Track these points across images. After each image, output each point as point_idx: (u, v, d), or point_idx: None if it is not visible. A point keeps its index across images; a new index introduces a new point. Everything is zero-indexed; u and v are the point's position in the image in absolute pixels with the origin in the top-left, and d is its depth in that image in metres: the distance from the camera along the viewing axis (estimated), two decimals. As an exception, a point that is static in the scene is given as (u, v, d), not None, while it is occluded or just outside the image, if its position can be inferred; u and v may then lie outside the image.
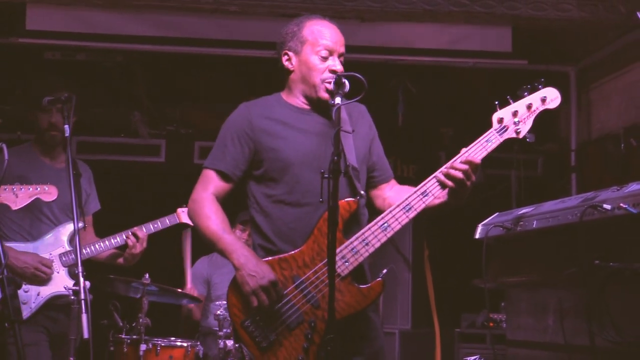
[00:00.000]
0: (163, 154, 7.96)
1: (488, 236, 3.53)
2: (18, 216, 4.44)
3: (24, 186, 3.97)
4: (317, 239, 3.21)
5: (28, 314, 4.36)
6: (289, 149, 3.30)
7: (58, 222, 4.54)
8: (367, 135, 3.48)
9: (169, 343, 5.40)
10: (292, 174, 3.29)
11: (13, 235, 4.48)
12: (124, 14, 6.39)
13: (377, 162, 3.51)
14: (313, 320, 3.18)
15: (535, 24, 6.48)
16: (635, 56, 6.59)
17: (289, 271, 3.22)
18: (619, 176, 6.34)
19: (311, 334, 3.18)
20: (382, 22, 6.34)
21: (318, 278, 3.19)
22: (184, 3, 6.20)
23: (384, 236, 3.18)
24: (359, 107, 3.51)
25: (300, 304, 3.20)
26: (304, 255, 3.22)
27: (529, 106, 3.26)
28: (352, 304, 3.18)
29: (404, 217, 3.18)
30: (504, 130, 3.23)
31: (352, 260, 3.18)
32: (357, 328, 3.25)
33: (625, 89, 6.78)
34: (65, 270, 4.46)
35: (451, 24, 6.57)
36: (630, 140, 6.46)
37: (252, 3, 6.19)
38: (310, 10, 6.24)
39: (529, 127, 3.24)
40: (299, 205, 3.29)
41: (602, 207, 2.89)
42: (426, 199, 3.18)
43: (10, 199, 3.89)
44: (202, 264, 6.52)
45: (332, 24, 3.45)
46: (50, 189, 4.03)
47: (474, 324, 6.45)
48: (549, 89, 3.30)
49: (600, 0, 6.28)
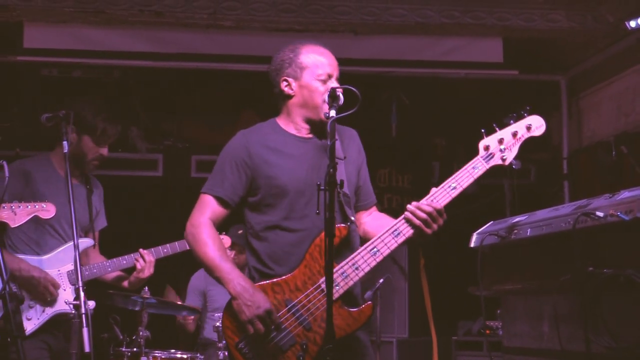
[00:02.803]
0: (160, 168, 7.96)
1: (483, 245, 3.54)
2: (27, 229, 4.42)
3: (22, 204, 3.97)
4: (308, 264, 3.25)
5: (32, 330, 4.33)
6: (284, 176, 3.34)
7: (67, 236, 4.51)
8: (356, 160, 3.51)
9: (169, 355, 5.39)
10: (287, 201, 3.33)
11: (22, 247, 4.46)
12: (119, 31, 6.40)
13: (362, 187, 3.54)
14: (305, 343, 3.21)
15: (525, 35, 6.51)
16: (624, 65, 6.61)
17: (282, 295, 3.26)
18: (610, 183, 6.35)
19: (303, 355, 3.21)
20: (375, 35, 6.36)
21: (310, 301, 3.23)
22: (179, 19, 6.21)
23: (374, 261, 3.21)
24: (349, 132, 3.55)
25: (293, 326, 3.24)
26: (296, 279, 3.26)
27: (514, 134, 3.29)
28: (342, 327, 3.20)
29: (393, 242, 3.23)
30: (490, 157, 3.27)
31: (342, 284, 3.21)
32: (347, 348, 3.25)
33: (615, 97, 6.80)
34: (72, 288, 4.43)
35: (443, 35, 6.59)
36: (621, 148, 6.48)
37: (246, 18, 6.21)
38: (304, 25, 6.29)
39: (514, 154, 3.28)
40: (294, 231, 3.33)
41: (594, 215, 2.89)
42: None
43: (9, 217, 3.90)
44: (198, 277, 6.52)
45: (325, 48, 3.50)
46: (48, 207, 4.03)
47: (471, 331, 6.46)
48: (534, 117, 3.33)
49: (588, 11, 6.31)
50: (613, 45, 6.58)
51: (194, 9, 6.13)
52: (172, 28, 6.39)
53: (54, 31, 6.34)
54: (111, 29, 6.38)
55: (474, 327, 6.44)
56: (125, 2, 6.06)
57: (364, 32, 6.32)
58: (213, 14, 6.17)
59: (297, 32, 6.37)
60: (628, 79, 6.63)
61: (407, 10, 6.23)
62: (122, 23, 6.28)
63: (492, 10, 6.30)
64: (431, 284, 6.68)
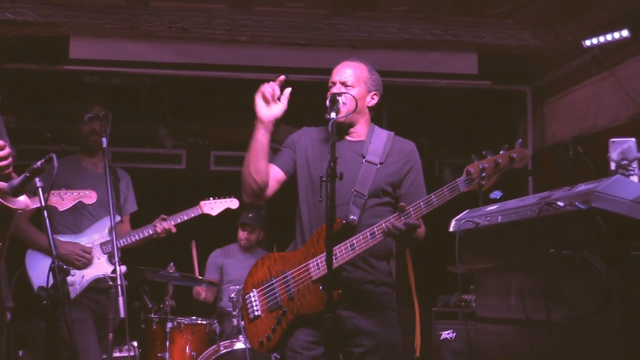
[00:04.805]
0: (184, 162, 7.97)
1: (460, 229, 3.53)
2: (64, 213, 4.46)
3: (69, 191, 4.02)
4: (308, 247, 3.25)
5: (74, 295, 4.38)
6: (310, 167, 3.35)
7: (99, 216, 4.55)
8: (399, 170, 3.33)
9: (190, 321, 5.42)
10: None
11: (62, 229, 4.51)
12: (151, 44, 6.39)
13: (406, 194, 3.31)
14: (285, 309, 3.22)
15: (497, 51, 6.50)
16: (580, 77, 6.62)
17: (282, 266, 3.28)
18: (568, 178, 6.36)
19: (280, 319, 3.22)
20: (369, 50, 6.35)
21: (299, 276, 3.22)
22: (201, 34, 6.20)
23: (352, 254, 3.13)
24: (404, 145, 3.43)
25: (281, 293, 3.25)
26: (297, 256, 3.27)
27: (497, 164, 3.04)
28: (313, 304, 3.17)
29: (369, 241, 3.12)
30: (470, 182, 3.06)
31: (323, 268, 3.16)
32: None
33: (573, 105, 6.80)
34: (106, 257, 4.47)
35: (427, 50, 6.58)
36: (578, 148, 6.48)
37: (259, 34, 6.20)
38: (308, 40, 6.29)
39: (492, 183, 3.07)
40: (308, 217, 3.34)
41: (556, 204, 2.89)
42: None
43: (57, 202, 3.96)
44: (216, 254, 6.53)
45: (350, 60, 3.43)
46: (91, 194, 4.08)
47: (448, 303, 6.45)
48: (522, 149, 3.08)
49: (551, 31, 6.30)
50: (571, 61, 6.57)
51: (215, 26, 6.13)
52: (196, 42, 6.38)
53: (95, 44, 6.33)
54: (144, 43, 6.37)
55: (451, 300, 6.44)
56: (156, 20, 6.06)
57: (359, 47, 6.31)
58: (230, 31, 6.16)
59: (301, 46, 6.37)
60: (584, 90, 6.63)
61: (397, 28, 6.22)
62: (153, 37, 6.27)
63: (469, 29, 6.29)
64: (415, 263, 6.68)
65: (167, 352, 5.20)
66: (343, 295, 3.07)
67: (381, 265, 3.31)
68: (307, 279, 3.19)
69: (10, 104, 6.99)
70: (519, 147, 3.07)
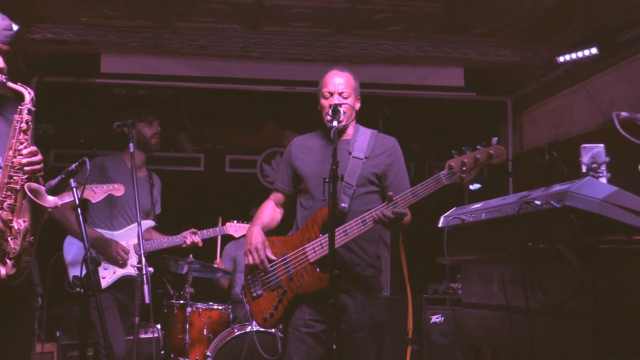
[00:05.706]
0: (202, 164, 7.97)
1: (448, 225, 3.52)
2: (103, 208, 4.46)
3: (100, 185, 4.05)
4: (303, 232, 3.27)
5: (105, 285, 4.38)
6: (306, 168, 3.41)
7: (134, 217, 4.51)
8: (382, 162, 3.38)
9: (208, 307, 5.41)
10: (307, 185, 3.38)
11: (98, 223, 4.50)
12: (173, 60, 6.40)
13: (392, 183, 3.37)
14: (286, 289, 3.23)
15: (481, 66, 6.50)
16: (555, 89, 6.62)
17: (281, 249, 3.30)
18: (544, 179, 6.35)
19: (282, 297, 3.23)
20: (367, 64, 6.35)
21: (297, 259, 3.23)
22: (218, 51, 6.21)
23: (345, 239, 3.15)
24: (387, 140, 3.46)
25: (281, 273, 3.26)
26: (295, 240, 3.29)
27: (476, 160, 3.09)
28: (311, 284, 3.18)
29: (362, 227, 3.14)
30: (452, 175, 3.10)
31: (319, 251, 3.19)
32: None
33: (548, 114, 6.80)
34: (137, 257, 4.45)
35: (418, 65, 6.57)
36: (553, 152, 6.47)
37: (269, 51, 6.20)
38: (312, 56, 6.28)
39: (472, 176, 3.11)
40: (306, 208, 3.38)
41: (534, 203, 2.88)
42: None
43: (89, 195, 3.99)
44: (230, 246, 6.54)
45: (339, 70, 3.40)
46: (119, 187, 4.11)
47: (437, 291, 6.45)
48: (498, 147, 3.12)
49: (528, 48, 6.30)
50: (547, 75, 6.56)
51: (230, 44, 6.13)
52: (213, 58, 6.38)
53: (124, 60, 6.34)
54: (167, 58, 6.37)
55: (440, 287, 6.44)
56: (178, 38, 6.06)
57: (358, 62, 6.30)
58: (243, 48, 6.17)
59: (306, 61, 6.37)
60: (558, 100, 6.62)
61: (391, 45, 6.22)
62: (175, 54, 6.28)
63: (456, 47, 6.28)
64: (408, 254, 6.67)
65: (187, 333, 5.20)
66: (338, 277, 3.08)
67: (370, 248, 3.35)
68: (305, 261, 3.20)
69: (48, 113, 7.01)
70: (495, 144, 3.11)
